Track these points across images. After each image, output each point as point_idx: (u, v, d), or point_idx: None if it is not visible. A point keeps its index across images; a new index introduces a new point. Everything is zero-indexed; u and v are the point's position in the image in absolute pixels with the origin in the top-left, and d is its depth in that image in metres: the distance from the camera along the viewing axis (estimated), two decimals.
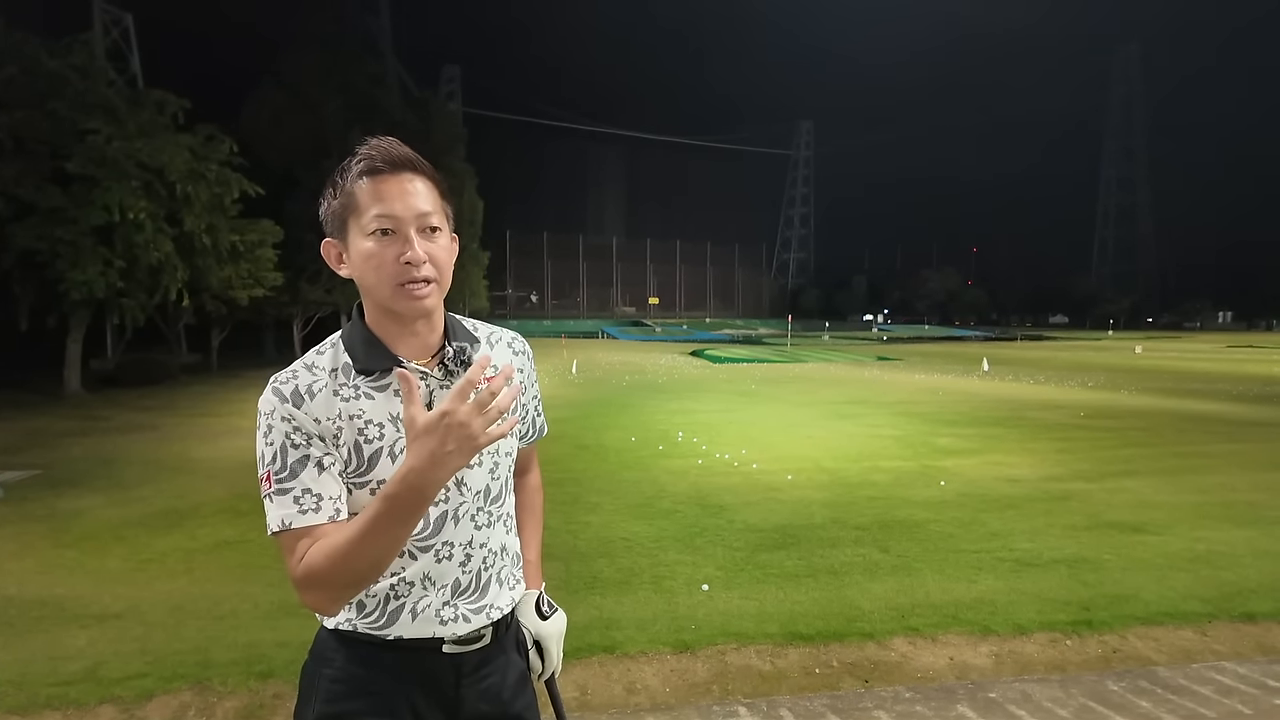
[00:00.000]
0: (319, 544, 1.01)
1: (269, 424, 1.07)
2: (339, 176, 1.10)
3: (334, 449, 1.08)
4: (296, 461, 1.05)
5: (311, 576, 0.99)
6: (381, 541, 0.96)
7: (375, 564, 0.99)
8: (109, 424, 10.64)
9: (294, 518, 1.03)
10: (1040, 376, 18.95)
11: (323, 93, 23.70)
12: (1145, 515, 5.46)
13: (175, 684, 3.00)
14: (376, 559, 0.98)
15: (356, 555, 0.96)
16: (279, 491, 1.05)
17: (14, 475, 6.90)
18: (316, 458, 1.06)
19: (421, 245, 1.07)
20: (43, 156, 12.86)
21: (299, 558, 1.02)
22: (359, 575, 1.00)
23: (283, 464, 1.05)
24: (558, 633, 1.35)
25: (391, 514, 0.94)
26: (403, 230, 1.06)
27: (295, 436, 1.06)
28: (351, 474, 1.09)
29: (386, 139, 1.10)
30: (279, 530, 1.04)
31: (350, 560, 0.97)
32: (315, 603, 1.02)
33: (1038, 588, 4.03)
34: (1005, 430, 9.64)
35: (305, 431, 1.06)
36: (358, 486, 1.09)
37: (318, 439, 1.07)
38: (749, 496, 6.06)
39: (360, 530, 0.95)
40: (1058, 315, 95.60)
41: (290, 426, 1.06)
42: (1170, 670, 3.12)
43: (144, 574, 4.33)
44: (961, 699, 2.88)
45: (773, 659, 3.25)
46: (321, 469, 1.06)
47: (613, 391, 14.94)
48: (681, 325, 70.80)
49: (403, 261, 1.06)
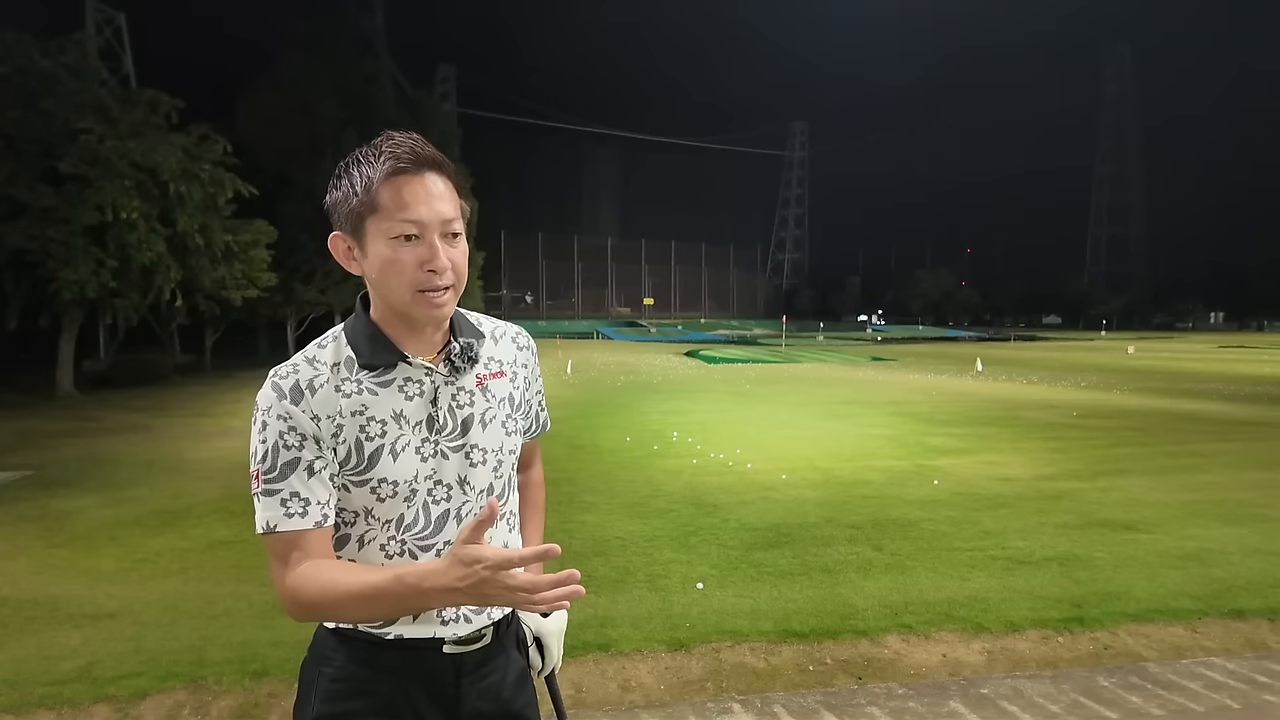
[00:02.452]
0: (314, 572, 1.01)
1: (264, 420, 1.04)
2: (354, 169, 1.05)
3: (330, 449, 1.06)
4: (286, 464, 1.03)
5: (298, 598, 1.01)
6: (375, 612, 1.01)
7: (361, 620, 1.08)
8: (102, 424, 10.59)
9: (280, 521, 1.03)
10: (1033, 376, 19.04)
11: (317, 93, 23.67)
12: (1137, 514, 5.50)
13: (170, 683, 2.99)
14: (365, 618, 1.05)
15: (348, 608, 1.00)
16: (266, 493, 1.04)
17: (6, 476, 6.87)
18: (308, 461, 1.04)
19: (445, 252, 1.05)
20: (35, 156, 12.82)
21: (287, 566, 1.03)
22: (343, 618, 1.07)
23: (272, 464, 1.03)
24: (558, 630, 1.34)
25: (395, 598, 0.97)
26: (427, 236, 1.04)
27: (289, 437, 1.03)
28: (350, 471, 1.07)
29: (409, 136, 1.06)
30: (264, 532, 1.04)
31: (340, 608, 1.01)
32: (295, 616, 1.04)
33: (1030, 585, 4.06)
34: (998, 430, 9.68)
35: (300, 432, 1.04)
36: (356, 485, 1.07)
37: (312, 440, 1.04)
38: (743, 496, 6.08)
39: (360, 591, 0.98)
40: (1051, 316, 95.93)
41: (285, 426, 1.03)
42: (1160, 666, 3.15)
43: (138, 574, 4.32)
44: (954, 695, 2.90)
45: (767, 656, 3.26)
46: (311, 473, 1.05)
47: (608, 392, 14.94)
48: (676, 326, 70.79)
49: (426, 269, 1.04)
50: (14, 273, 13.37)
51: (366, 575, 0.99)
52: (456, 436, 1.13)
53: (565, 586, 0.91)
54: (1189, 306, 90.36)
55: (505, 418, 1.20)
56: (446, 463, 1.12)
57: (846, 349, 37.04)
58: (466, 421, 1.14)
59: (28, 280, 13.41)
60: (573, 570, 0.93)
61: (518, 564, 0.90)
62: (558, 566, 3.45)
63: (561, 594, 0.91)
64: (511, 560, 0.90)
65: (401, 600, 0.96)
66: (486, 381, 1.18)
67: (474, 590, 0.90)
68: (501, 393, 1.20)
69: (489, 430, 1.16)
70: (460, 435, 1.13)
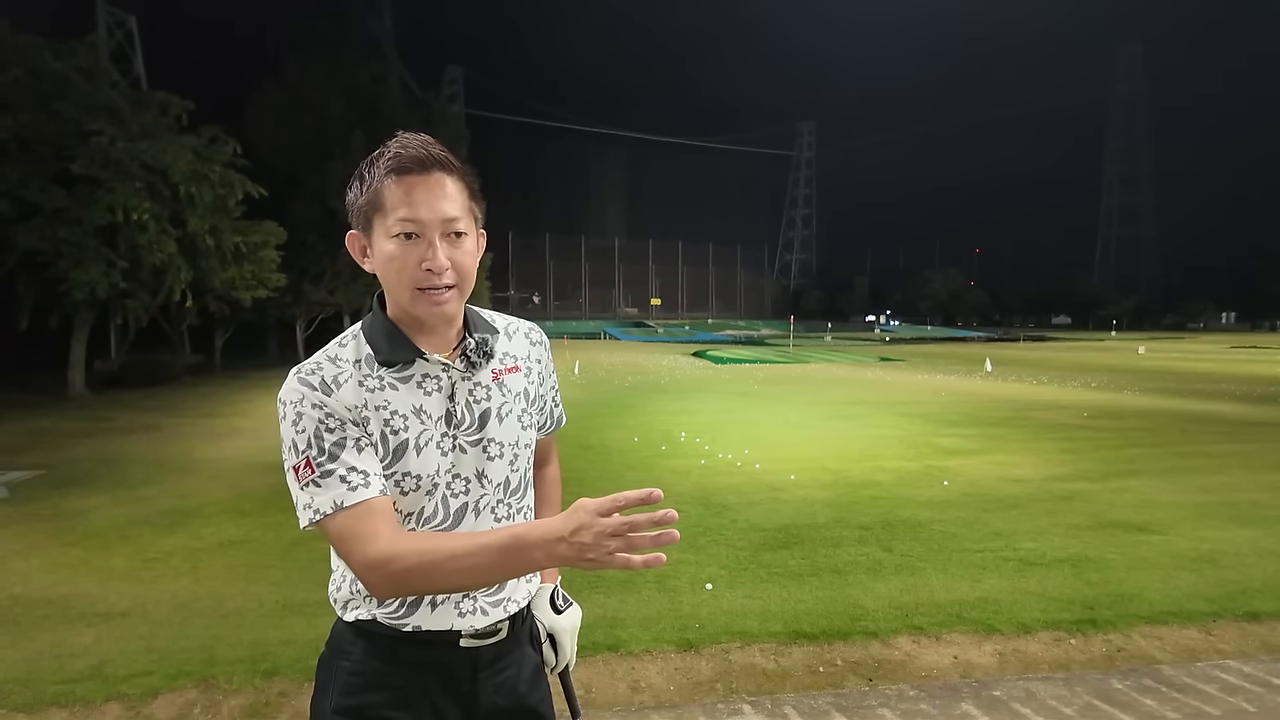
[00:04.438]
0: (408, 539, 1.00)
1: (298, 412, 1.04)
2: (366, 170, 1.08)
3: (365, 435, 1.07)
4: (334, 444, 1.04)
5: (392, 566, 0.97)
6: (476, 576, 0.97)
7: (454, 588, 1.05)
8: (113, 424, 10.66)
9: (345, 496, 1.02)
10: (1043, 377, 18.93)
11: (325, 94, 23.76)
12: (1149, 515, 5.45)
13: (181, 682, 3.00)
14: (460, 583, 1.01)
15: (446, 571, 0.96)
16: (323, 475, 1.03)
17: (19, 475, 6.92)
18: (354, 438, 1.05)
19: (445, 251, 1.06)
20: (47, 158, 12.91)
21: (368, 539, 0.99)
22: (437, 585, 1.02)
23: (320, 448, 1.03)
24: (572, 627, 1.35)
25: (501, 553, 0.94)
26: (427, 235, 1.05)
27: (329, 421, 1.05)
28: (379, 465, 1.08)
29: (419, 136, 1.08)
30: (331, 512, 1.01)
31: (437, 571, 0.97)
32: (383, 589, 1.01)
33: (1042, 587, 4.03)
34: (1008, 430, 9.63)
35: (338, 417, 1.05)
36: (384, 479, 1.08)
37: (351, 424, 1.06)
38: (752, 496, 6.06)
39: (466, 549, 0.96)
40: (1061, 316, 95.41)
41: (323, 413, 1.04)
42: (1175, 669, 3.12)
43: (149, 573, 4.35)
44: (966, 697, 2.88)
45: (777, 657, 3.25)
46: (360, 449, 1.05)
47: (615, 392, 14.94)
48: (684, 326, 70.80)
49: (424, 268, 1.05)
50: (26, 274, 13.48)
51: (477, 538, 0.97)
52: (474, 431, 1.14)
53: (662, 529, 0.89)
54: (1200, 307, 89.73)
55: (521, 412, 1.21)
56: (465, 456, 1.14)
57: (854, 349, 36.93)
58: (484, 416, 1.15)
59: (39, 281, 13.52)
60: (669, 511, 0.89)
61: (622, 506, 0.89)
62: (565, 568, 3.42)
63: (658, 538, 0.88)
64: (615, 503, 0.88)
65: (507, 554, 0.93)
66: (502, 376, 1.19)
67: (575, 540, 0.89)
68: (517, 387, 1.21)
69: (505, 424, 1.18)
70: (478, 430, 1.15)
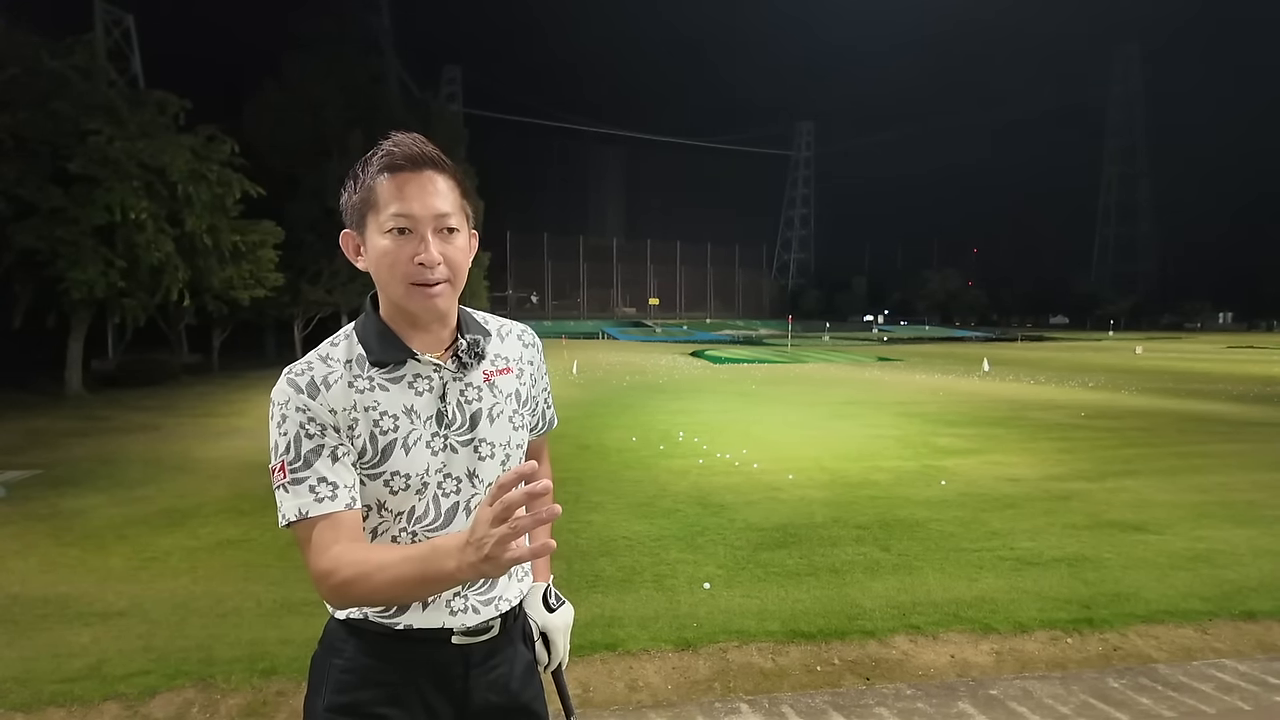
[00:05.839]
0: (350, 552, 1.02)
1: (283, 414, 1.07)
2: (360, 169, 1.10)
3: (348, 440, 1.09)
4: (310, 451, 1.06)
5: (333, 578, 1.00)
6: (404, 588, 0.99)
7: (392, 599, 1.06)
8: (110, 424, 10.65)
9: (311, 506, 1.04)
10: (1041, 377, 18.96)
11: (324, 93, 23.75)
12: (1146, 514, 5.47)
13: (179, 681, 3.01)
14: (395, 595, 1.02)
15: (378, 583, 0.98)
16: (294, 481, 1.06)
17: (16, 475, 6.91)
18: (331, 448, 1.07)
19: (437, 247, 1.08)
20: (44, 157, 12.88)
21: (323, 550, 1.02)
22: (376, 597, 1.03)
23: (296, 454, 1.06)
24: (564, 625, 1.36)
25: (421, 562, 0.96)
26: (419, 231, 1.07)
27: (310, 427, 1.07)
28: (365, 465, 1.10)
29: (410, 135, 1.10)
30: (296, 520, 1.05)
31: (372, 583, 0.99)
32: (330, 598, 1.04)
33: (1038, 586, 4.04)
34: (1006, 430, 9.64)
35: (320, 422, 1.07)
36: (371, 478, 1.10)
37: (332, 430, 1.08)
38: (750, 496, 6.07)
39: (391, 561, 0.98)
40: (1058, 316, 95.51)
41: (305, 417, 1.07)
42: (1171, 668, 3.13)
43: (147, 572, 4.34)
44: (963, 696, 2.89)
45: (774, 656, 3.25)
46: (335, 459, 1.07)
47: (613, 392, 14.95)
48: (682, 326, 70.87)
49: (416, 263, 1.07)
50: (23, 273, 13.45)
51: (403, 549, 1.01)
52: (465, 431, 1.16)
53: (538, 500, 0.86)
54: (1197, 307, 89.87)
55: (512, 413, 1.22)
56: (456, 456, 1.15)
57: (852, 349, 36.96)
58: (475, 416, 1.17)
59: (36, 280, 13.49)
60: (543, 481, 0.88)
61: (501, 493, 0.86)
62: (563, 568, 3.44)
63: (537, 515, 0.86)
64: (495, 493, 0.86)
65: (425, 563, 0.95)
66: (493, 377, 1.20)
67: (474, 538, 0.88)
68: (508, 388, 1.22)
69: (496, 425, 1.19)
70: (469, 430, 1.16)
